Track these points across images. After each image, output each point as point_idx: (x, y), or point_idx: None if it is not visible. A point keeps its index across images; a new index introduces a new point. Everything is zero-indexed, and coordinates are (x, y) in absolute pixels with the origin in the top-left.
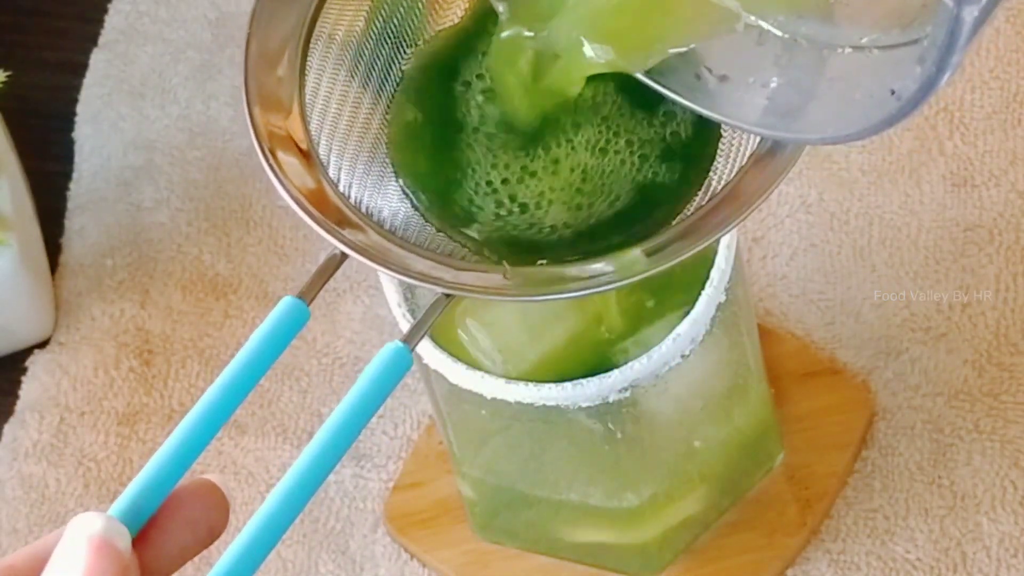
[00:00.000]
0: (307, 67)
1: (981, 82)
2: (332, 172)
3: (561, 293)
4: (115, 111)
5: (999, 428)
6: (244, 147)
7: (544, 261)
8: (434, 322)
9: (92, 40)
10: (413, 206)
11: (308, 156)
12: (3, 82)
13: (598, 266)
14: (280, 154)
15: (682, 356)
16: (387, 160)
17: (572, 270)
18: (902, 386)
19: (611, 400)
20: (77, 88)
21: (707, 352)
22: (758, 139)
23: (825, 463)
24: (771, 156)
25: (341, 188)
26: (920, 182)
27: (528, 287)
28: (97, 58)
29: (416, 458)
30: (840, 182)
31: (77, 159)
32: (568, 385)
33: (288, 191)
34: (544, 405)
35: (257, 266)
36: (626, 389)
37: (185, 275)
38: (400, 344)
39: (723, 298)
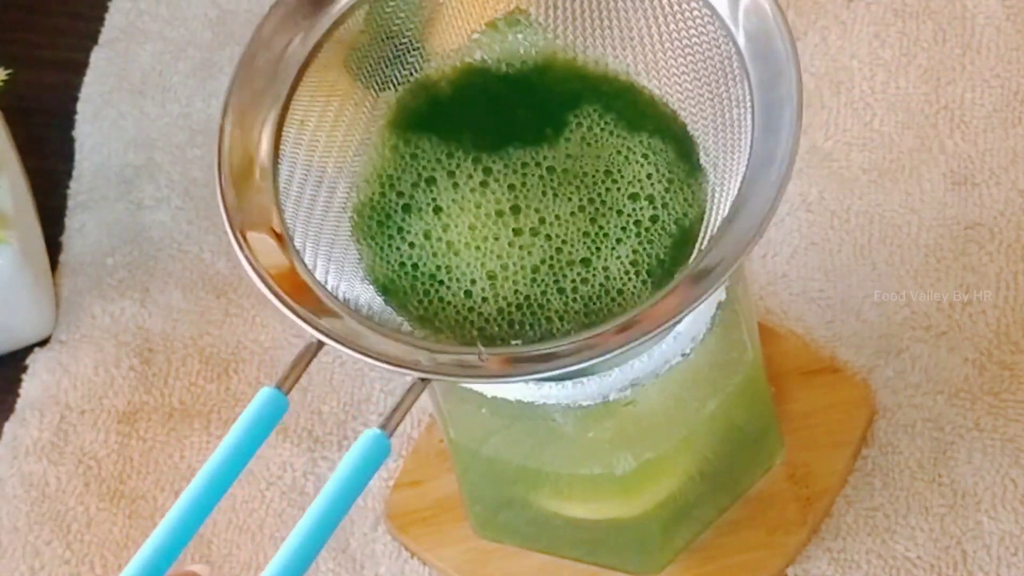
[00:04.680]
0: (280, 155)
1: (981, 80)
2: (308, 260)
3: (538, 372)
4: (116, 109)
5: (1000, 426)
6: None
7: (518, 341)
8: (411, 406)
9: (93, 38)
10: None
11: (283, 243)
12: (4, 80)
13: (574, 343)
14: (256, 242)
15: (682, 355)
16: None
17: (548, 347)
18: (902, 384)
19: (612, 399)
20: (78, 86)
21: (708, 351)
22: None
23: (825, 461)
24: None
25: (318, 276)
26: (921, 180)
27: (505, 367)
28: (98, 56)
29: (416, 456)
30: (841, 180)
31: (78, 157)
32: (569, 384)
33: (265, 282)
34: (544, 403)
35: None
36: (627, 387)
37: (185, 273)
38: (378, 431)
39: (723, 296)
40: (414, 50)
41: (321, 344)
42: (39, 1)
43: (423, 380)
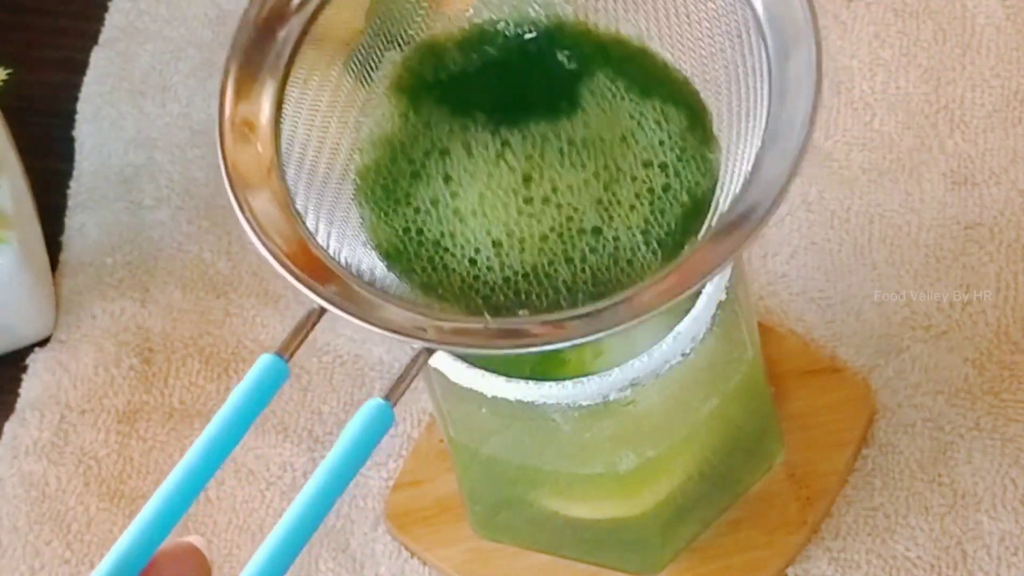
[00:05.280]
0: (282, 116)
1: (982, 80)
2: (310, 224)
3: (544, 344)
4: (116, 109)
5: (1000, 426)
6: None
7: (525, 311)
8: (416, 375)
9: (93, 38)
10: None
11: (286, 208)
12: (4, 80)
13: (581, 313)
14: (257, 206)
15: (682, 354)
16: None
17: (555, 318)
18: (903, 384)
19: (612, 398)
20: (78, 86)
21: (707, 350)
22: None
23: (825, 461)
24: (740, 222)
25: (319, 240)
26: (921, 180)
27: (511, 338)
28: (98, 56)
29: (416, 456)
30: (841, 180)
31: (78, 157)
32: (569, 383)
33: (266, 245)
34: (545, 403)
35: (257, 264)
36: (627, 387)
37: (185, 273)
38: (381, 401)
39: (723, 296)
40: (421, 9)
41: (323, 311)
42: (39, 1)
43: (428, 350)
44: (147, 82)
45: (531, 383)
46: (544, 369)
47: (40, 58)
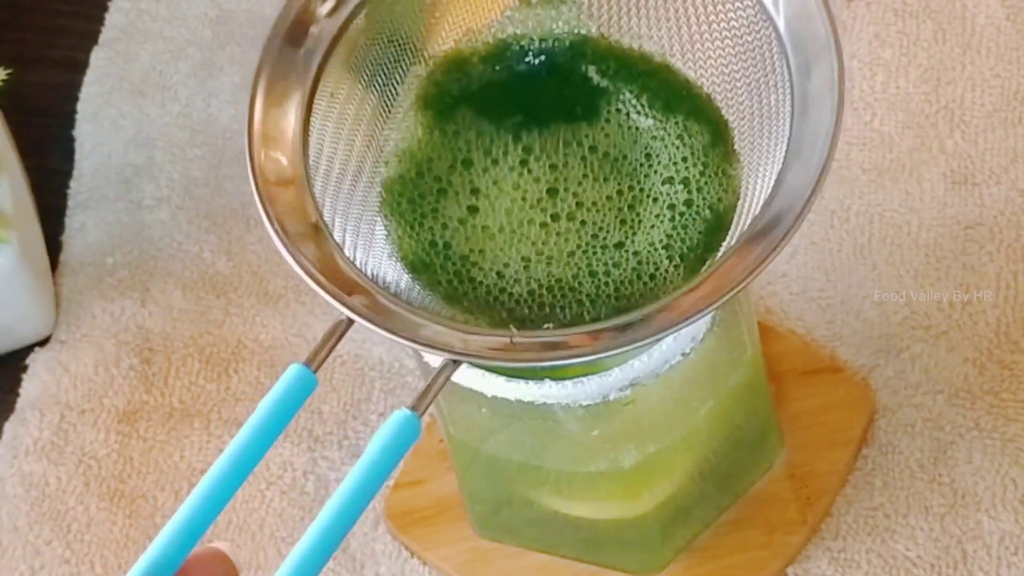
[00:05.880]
0: (310, 128)
1: (982, 80)
2: (337, 235)
3: (569, 358)
4: (116, 109)
5: (1000, 426)
6: (244, 145)
7: (550, 325)
8: (442, 387)
9: (93, 38)
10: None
11: (313, 220)
12: (4, 80)
13: (607, 327)
14: (286, 217)
15: (683, 354)
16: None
17: (580, 332)
18: (903, 384)
19: (612, 398)
20: (78, 86)
21: (707, 350)
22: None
23: (826, 461)
24: (763, 236)
25: (347, 252)
26: (921, 180)
27: (537, 351)
28: (98, 56)
29: (416, 456)
30: (841, 180)
31: (78, 157)
32: (569, 383)
33: (295, 258)
34: (545, 403)
35: (257, 264)
36: (627, 387)
37: (185, 273)
38: (409, 412)
39: None
40: (448, 25)
41: (351, 322)
42: (39, 1)
43: (454, 362)
44: (147, 82)
45: (531, 383)
46: (544, 369)
47: (41, 58)
